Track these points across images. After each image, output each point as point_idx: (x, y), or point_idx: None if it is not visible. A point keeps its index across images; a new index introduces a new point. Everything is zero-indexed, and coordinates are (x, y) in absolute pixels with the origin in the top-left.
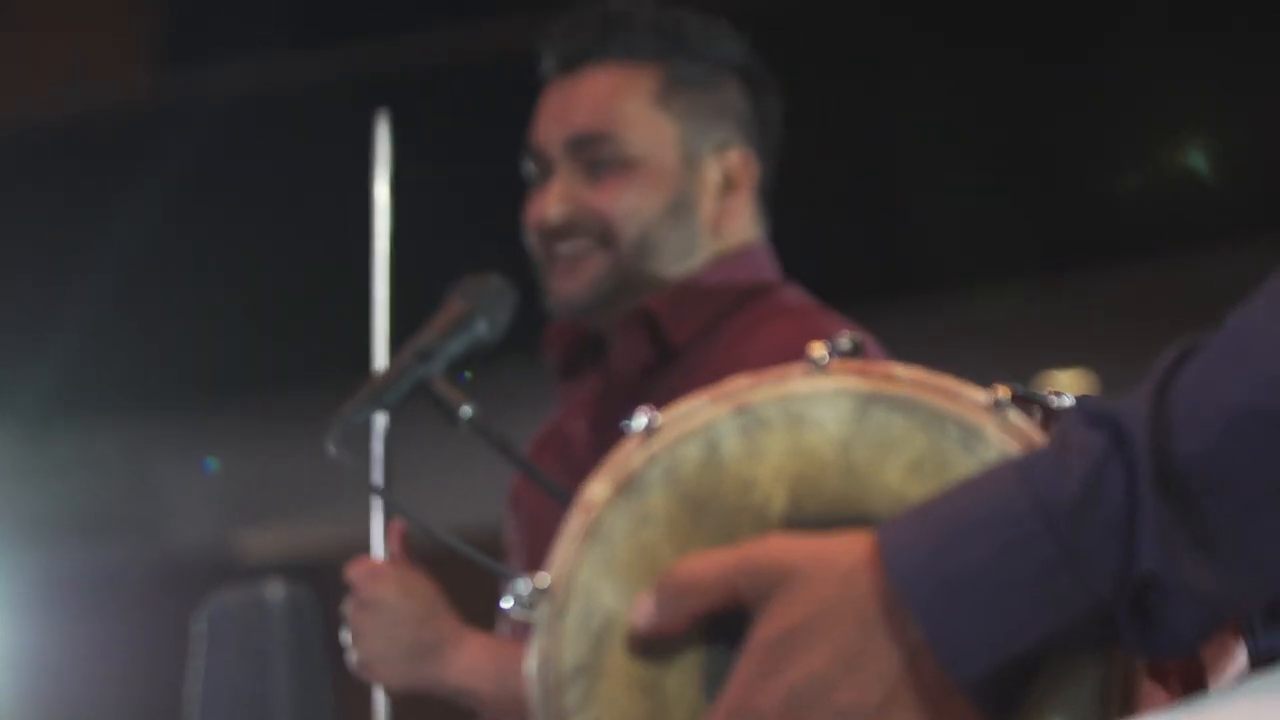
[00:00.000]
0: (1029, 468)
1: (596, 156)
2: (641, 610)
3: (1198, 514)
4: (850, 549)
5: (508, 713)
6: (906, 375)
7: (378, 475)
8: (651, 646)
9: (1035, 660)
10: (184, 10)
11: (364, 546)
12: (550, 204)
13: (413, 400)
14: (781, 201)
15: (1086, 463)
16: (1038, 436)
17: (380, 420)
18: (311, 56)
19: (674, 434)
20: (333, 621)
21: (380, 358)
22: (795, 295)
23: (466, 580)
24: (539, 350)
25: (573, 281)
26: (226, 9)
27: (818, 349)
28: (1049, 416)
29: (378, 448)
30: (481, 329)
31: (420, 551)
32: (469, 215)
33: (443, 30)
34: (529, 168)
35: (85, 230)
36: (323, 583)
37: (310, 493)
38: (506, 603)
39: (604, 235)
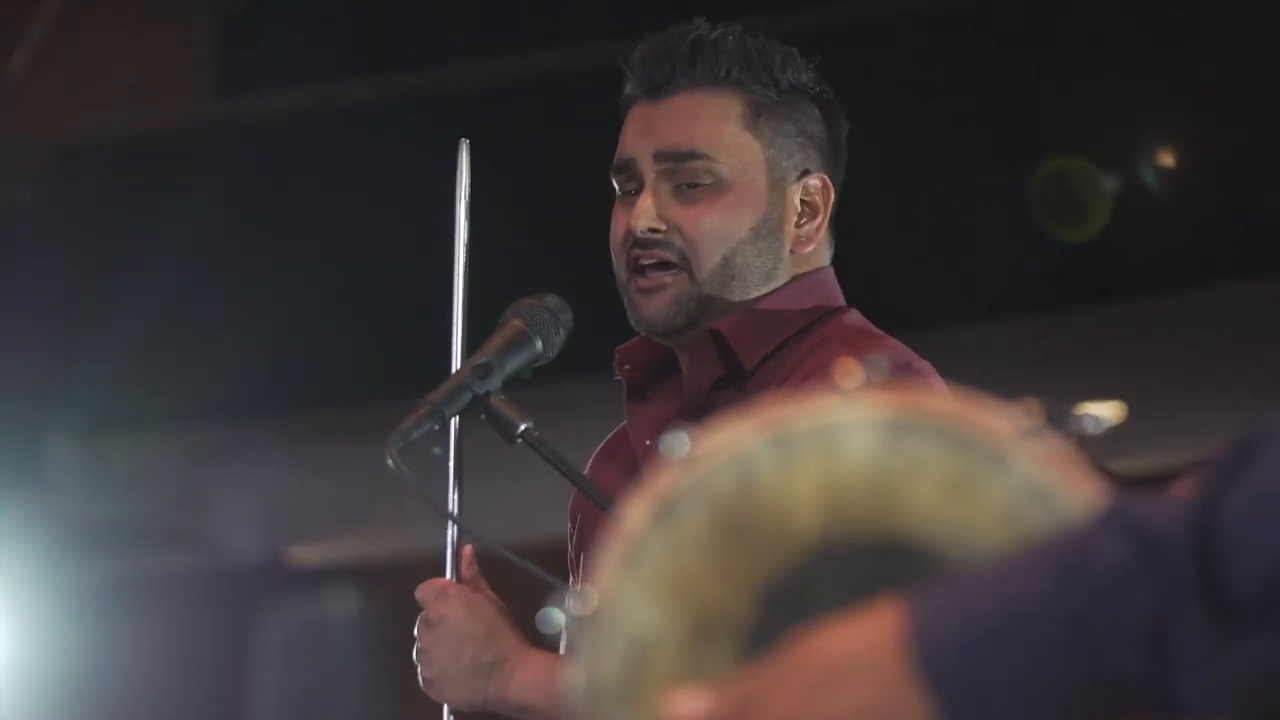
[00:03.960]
0: (1057, 568)
1: (688, 174)
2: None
3: (1244, 629)
4: (874, 619)
5: None
6: (940, 402)
7: (444, 491)
8: (690, 663)
9: None
10: (243, 32)
11: (414, 556)
12: (639, 216)
13: (470, 415)
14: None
15: (1113, 573)
16: (1067, 462)
17: (451, 432)
18: (368, 78)
19: (713, 460)
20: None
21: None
22: (855, 320)
23: (528, 591)
24: (599, 369)
25: (655, 302)
26: (283, 32)
27: (852, 378)
28: (1082, 442)
29: (450, 460)
30: (537, 347)
31: (482, 561)
32: (530, 234)
33: (504, 54)
34: (616, 183)
35: (140, 244)
36: (371, 590)
37: (360, 504)
38: (554, 621)
39: (685, 255)
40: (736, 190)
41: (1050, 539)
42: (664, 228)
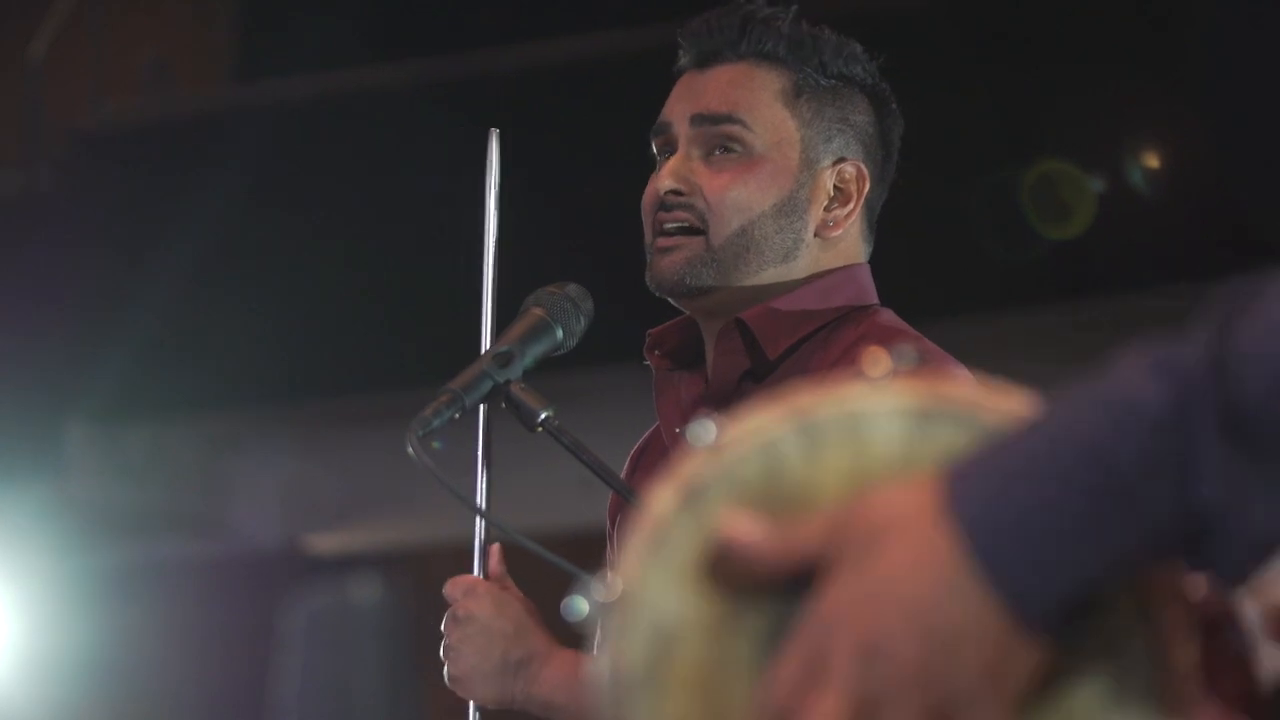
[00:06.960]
0: (1085, 417)
1: (720, 138)
2: (745, 530)
3: (1268, 453)
4: (923, 501)
5: None
6: (966, 390)
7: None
8: (715, 652)
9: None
10: (265, 16)
11: (432, 545)
12: (664, 176)
13: (491, 404)
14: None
15: (1140, 412)
16: None
17: (480, 420)
18: (391, 63)
19: (739, 448)
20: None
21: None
22: (889, 318)
23: (551, 581)
24: (621, 358)
25: (667, 261)
26: (306, 16)
27: (879, 366)
28: None
29: (478, 448)
30: (558, 335)
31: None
32: (553, 223)
33: (531, 40)
34: (654, 148)
35: (160, 229)
36: (389, 577)
37: (378, 492)
38: (579, 610)
39: (705, 218)
40: (766, 164)
41: (1085, 385)
42: (687, 189)
